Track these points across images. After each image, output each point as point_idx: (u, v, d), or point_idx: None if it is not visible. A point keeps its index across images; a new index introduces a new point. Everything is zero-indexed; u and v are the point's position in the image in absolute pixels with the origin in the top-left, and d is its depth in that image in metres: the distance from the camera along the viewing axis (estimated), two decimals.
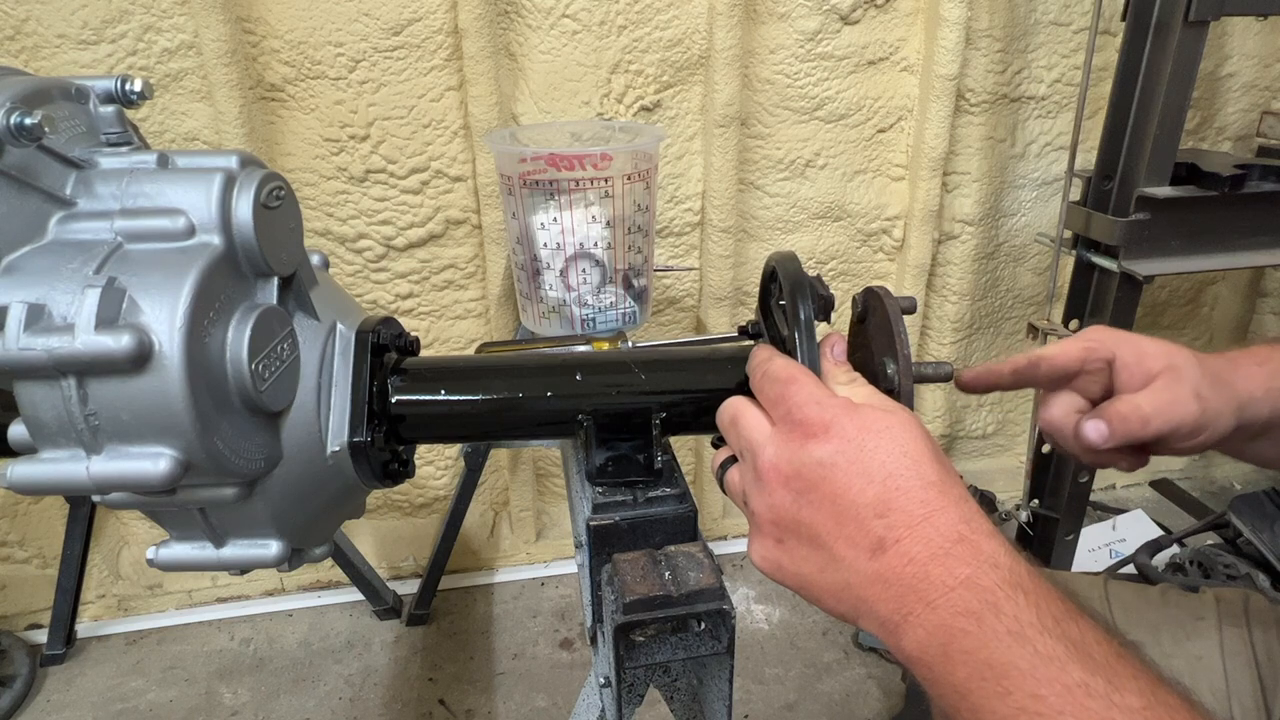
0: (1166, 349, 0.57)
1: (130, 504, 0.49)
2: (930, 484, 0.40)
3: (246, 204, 0.47)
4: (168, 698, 1.50)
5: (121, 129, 0.52)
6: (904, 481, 0.40)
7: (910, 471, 0.41)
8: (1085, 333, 0.60)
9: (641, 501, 0.61)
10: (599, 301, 1.13)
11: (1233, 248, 1.34)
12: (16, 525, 1.58)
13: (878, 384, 0.54)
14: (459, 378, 0.61)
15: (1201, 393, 0.54)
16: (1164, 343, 0.57)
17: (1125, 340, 0.58)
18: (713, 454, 0.54)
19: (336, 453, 0.55)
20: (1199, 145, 1.79)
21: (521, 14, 1.41)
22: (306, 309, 0.55)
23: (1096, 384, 0.59)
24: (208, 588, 1.72)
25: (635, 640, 0.55)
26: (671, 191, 1.58)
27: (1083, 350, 0.58)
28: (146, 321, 0.43)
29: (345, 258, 1.51)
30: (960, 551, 0.38)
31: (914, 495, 0.40)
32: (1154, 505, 1.89)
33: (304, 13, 1.33)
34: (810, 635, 1.60)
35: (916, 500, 0.40)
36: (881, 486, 0.40)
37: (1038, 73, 1.63)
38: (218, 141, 1.36)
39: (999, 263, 1.79)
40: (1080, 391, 0.60)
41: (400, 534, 1.77)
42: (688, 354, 0.69)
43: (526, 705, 1.47)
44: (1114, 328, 0.60)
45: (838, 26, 1.52)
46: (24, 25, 1.26)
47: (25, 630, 1.63)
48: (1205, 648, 0.72)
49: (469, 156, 1.46)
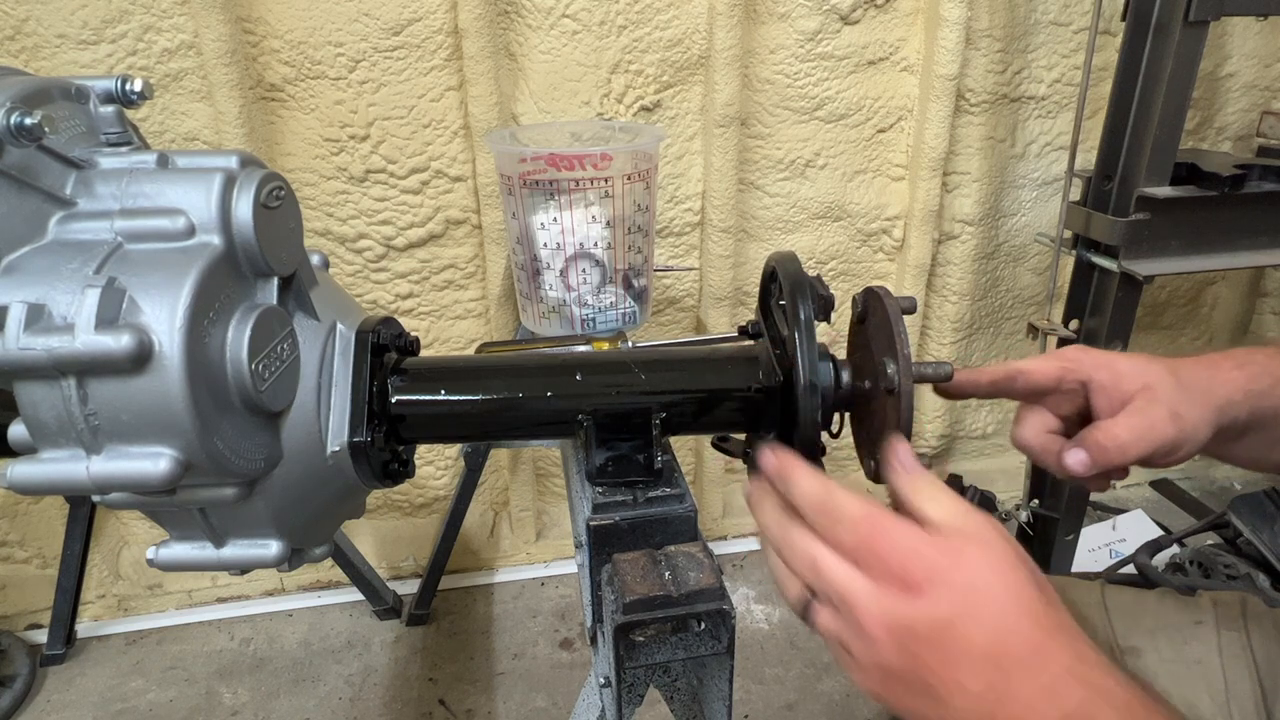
0: (1142, 368, 0.57)
1: (130, 504, 0.49)
2: (1039, 624, 0.41)
3: (246, 204, 0.47)
4: (168, 698, 1.49)
5: (121, 129, 0.52)
6: (1015, 623, 0.41)
7: (1019, 611, 0.41)
8: (1064, 351, 0.60)
9: (641, 501, 0.61)
10: (599, 301, 1.13)
11: (1233, 248, 1.34)
12: (16, 525, 1.58)
13: (877, 384, 0.54)
14: (459, 378, 0.61)
15: (1178, 411, 0.55)
16: (1139, 360, 0.57)
17: (1101, 363, 0.58)
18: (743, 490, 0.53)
19: (336, 453, 0.55)
20: (1199, 145, 1.79)
21: (521, 14, 1.41)
22: (306, 309, 0.55)
23: (1070, 403, 0.60)
24: (208, 588, 1.72)
25: (635, 640, 0.55)
26: (671, 191, 1.58)
27: (1059, 370, 0.58)
28: (146, 321, 0.43)
29: (345, 258, 1.51)
30: (1071, 688, 0.40)
31: (1025, 637, 0.41)
32: (1154, 505, 1.89)
33: (304, 13, 1.33)
34: (810, 635, 1.60)
35: (1029, 644, 0.41)
36: (994, 634, 0.41)
37: (1038, 73, 1.63)
38: (218, 141, 1.36)
39: (999, 263, 1.79)
40: (1053, 408, 0.61)
41: (400, 534, 1.77)
42: (688, 354, 0.69)
43: (526, 705, 1.47)
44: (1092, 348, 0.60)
45: (838, 26, 1.52)
46: (24, 25, 1.26)
47: (25, 630, 1.63)
48: (1203, 652, 0.72)
49: (469, 156, 1.46)
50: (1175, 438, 0.54)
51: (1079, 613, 0.77)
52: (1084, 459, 0.56)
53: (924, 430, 1.88)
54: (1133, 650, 0.73)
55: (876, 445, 0.57)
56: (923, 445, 1.90)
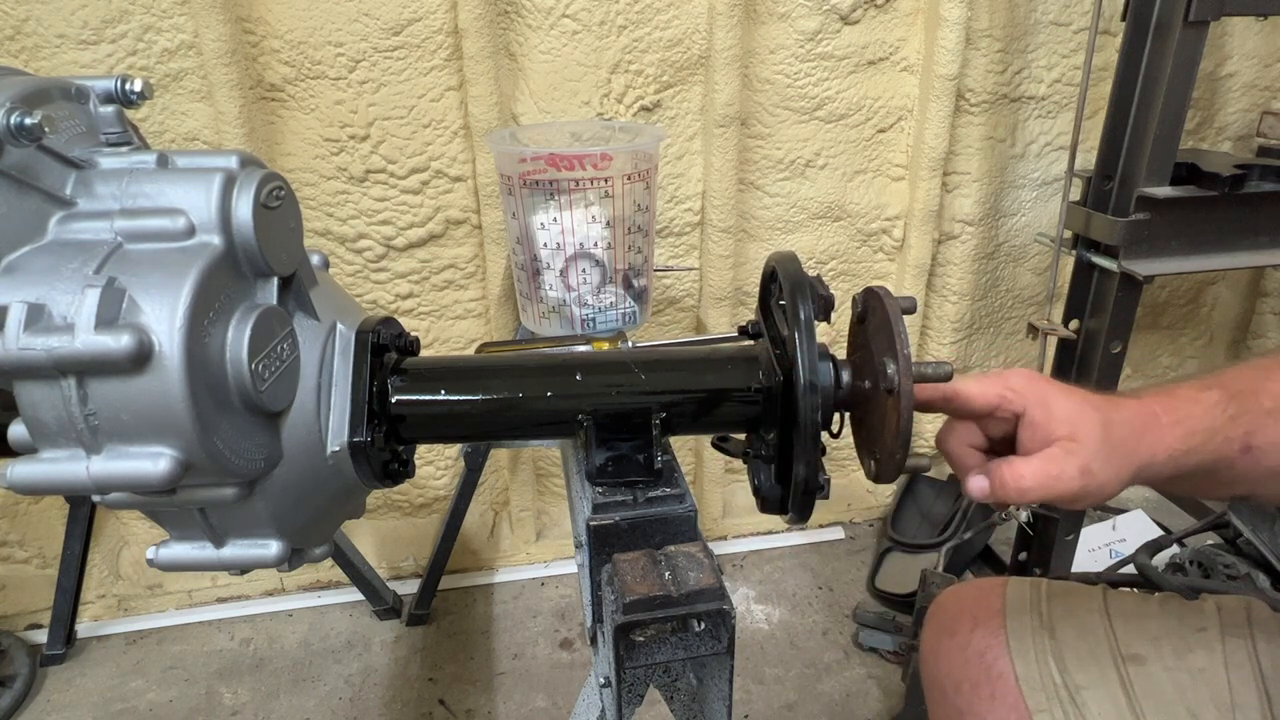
0: (1076, 414, 0.57)
1: (130, 504, 0.49)
2: None
3: (246, 204, 0.47)
4: (168, 698, 1.50)
5: (121, 129, 0.52)
6: None
7: None
8: (1008, 377, 0.60)
9: (641, 501, 0.61)
10: (599, 301, 1.13)
11: (1233, 248, 1.34)
12: (16, 525, 1.58)
13: (877, 384, 0.54)
14: (459, 378, 0.61)
15: (1090, 467, 0.55)
16: (1076, 404, 0.57)
17: (1040, 399, 0.58)
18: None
19: (336, 453, 0.55)
20: (1199, 145, 1.79)
21: (521, 14, 1.41)
22: (306, 309, 0.55)
23: (1000, 428, 0.61)
24: (208, 588, 1.72)
25: (635, 640, 0.55)
26: (671, 191, 1.58)
27: (998, 398, 0.59)
28: (146, 321, 0.43)
29: (345, 258, 1.51)
30: None
31: None
32: (1154, 505, 1.89)
33: (304, 13, 1.33)
34: (810, 635, 1.60)
35: None
36: None
37: (1038, 73, 1.63)
38: (218, 141, 1.36)
39: (999, 263, 1.79)
40: (983, 426, 0.62)
41: (400, 534, 1.77)
42: (688, 354, 0.69)
43: (526, 705, 1.47)
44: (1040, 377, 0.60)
45: (838, 26, 1.52)
46: (24, 25, 1.26)
47: (25, 630, 1.63)
48: (1207, 659, 0.71)
49: (469, 156, 1.46)
50: (1078, 492, 0.55)
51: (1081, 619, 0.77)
52: (985, 488, 0.57)
53: (924, 430, 1.88)
54: (1136, 658, 0.73)
55: (876, 445, 0.57)
56: (923, 445, 1.90)
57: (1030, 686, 0.73)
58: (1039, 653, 0.75)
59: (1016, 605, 0.80)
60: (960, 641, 0.80)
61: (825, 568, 1.80)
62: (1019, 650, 0.76)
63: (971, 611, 0.82)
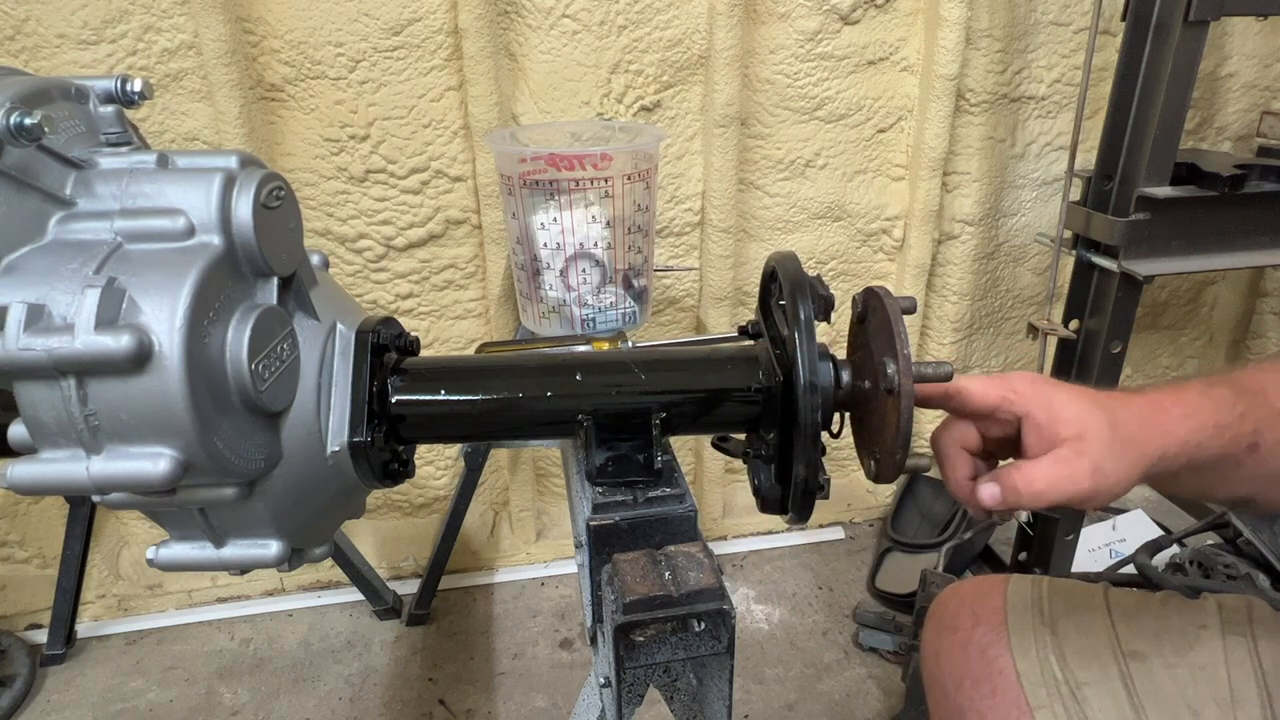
0: (1081, 414, 0.56)
1: (130, 504, 0.49)
2: None
3: (246, 204, 0.47)
4: (168, 698, 1.49)
5: (121, 129, 0.52)
6: None
7: None
8: (1011, 379, 0.59)
9: (641, 501, 0.61)
10: (599, 301, 1.13)
11: (1233, 248, 1.34)
12: (16, 525, 1.58)
13: (877, 384, 0.54)
14: (459, 378, 0.61)
15: (1102, 466, 0.54)
16: (1081, 404, 0.56)
17: (1044, 402, 0.57)
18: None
19: (336, 453, 0.55)
20: (1199, 145, 1.79)
21: (521, 14, 1.41)
22: (306, 309, 0.55)
23: (1000, 429, 0.60)
24: (208, 588, 1.72)
25: (635, 640, 0.55)
26: (671, 191, 1.58)
27: (999, 399, 0.58)
28: (146, 321, 0.43)
29: (345, 258, 1.51)
30: None
31: None
32: (1154, 505, 1.89)
33: (304, 13, 1.33)
34: (810, 635, 1.60)
35: None
36: None
37: (1038, 73, 1.63)
38: (218, 141, 1.36)
39: (999, 263, 1.79)
40: (981, 427, 0.61)
41: (400, 534, 1.77)
42: (688, 354, 0.69)
43: (526, 705, 1.47)
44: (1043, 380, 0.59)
45: (838, 26, 1.52)
46: (24, 25, 1.26)
47: (25, 630, 1.63)
48: (1208, 658, 0.71)
49: (469, 156, 1.46)
50: (1091, 491, 0.54)
51: (1082, 615, 0.78)
52: (997, 495, 0.56)
53: (924, 431, 1.88)
54: (1136, 654, 0.73)
55: (876, 445, 0.57)
56: (923, 445, 1.90)
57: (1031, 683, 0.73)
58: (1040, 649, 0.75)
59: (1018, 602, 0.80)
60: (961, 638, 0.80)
61: (825, 568, 1.80)
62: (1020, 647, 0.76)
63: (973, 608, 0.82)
